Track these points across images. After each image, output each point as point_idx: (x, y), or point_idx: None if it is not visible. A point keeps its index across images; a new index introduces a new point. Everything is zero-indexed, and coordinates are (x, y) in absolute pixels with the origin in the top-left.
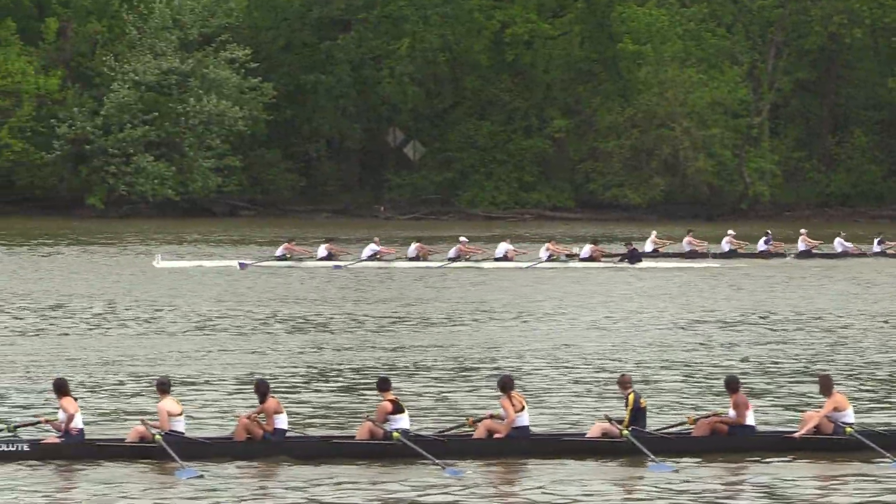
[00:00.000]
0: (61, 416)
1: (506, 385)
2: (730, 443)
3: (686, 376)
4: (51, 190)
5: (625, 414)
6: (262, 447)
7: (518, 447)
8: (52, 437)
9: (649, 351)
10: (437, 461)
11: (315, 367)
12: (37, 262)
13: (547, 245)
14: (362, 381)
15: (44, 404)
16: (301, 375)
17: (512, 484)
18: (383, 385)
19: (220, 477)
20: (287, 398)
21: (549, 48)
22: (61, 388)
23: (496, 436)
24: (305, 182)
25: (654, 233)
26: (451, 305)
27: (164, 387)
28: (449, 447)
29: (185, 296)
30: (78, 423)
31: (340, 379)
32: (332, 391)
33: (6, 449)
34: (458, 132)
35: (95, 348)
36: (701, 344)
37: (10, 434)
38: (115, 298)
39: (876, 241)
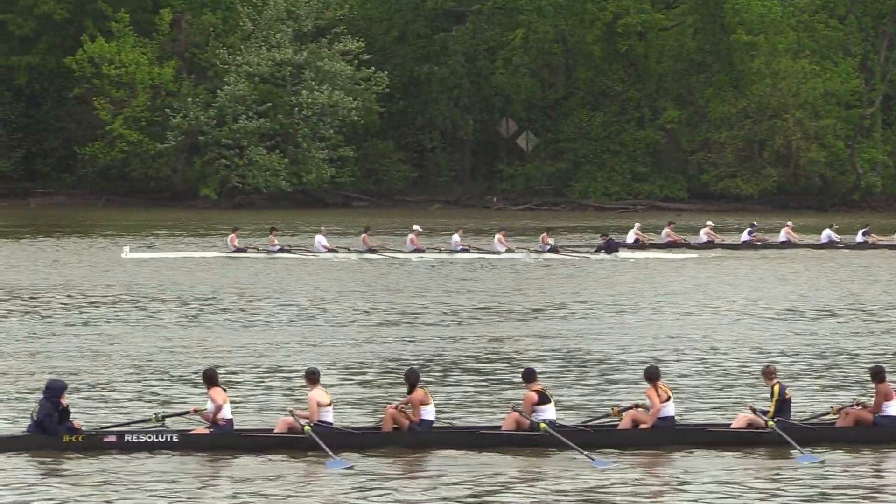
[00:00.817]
0: (210, 406)
1: (652, 375)
2: (874, 434)
3: (819, 366)
4: (164, 181)
5: (769, 405)
6: (409, 437)
7: (663, 438)
8: (200, 428)
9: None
10: (583, 452)
11: (448, 358)
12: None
13: (498, 236)
14: (501, 372)
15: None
16: (439, 366)
17: (657, 475)
18: (529, 376)
19: (368, 468)
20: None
21: (661, 39)
22: (211, 379)
23: (642, 426)
24: (418, 173)
25: (637, 224)
26: (538, 297)
27: (313, 377)
28: (594, 438)
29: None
30: (226, 413)
31: (474, 370)
32: (473, 382)
33: (155, 440)
34: (570, 123)
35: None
36: (813, 333)
37: (158, 424)
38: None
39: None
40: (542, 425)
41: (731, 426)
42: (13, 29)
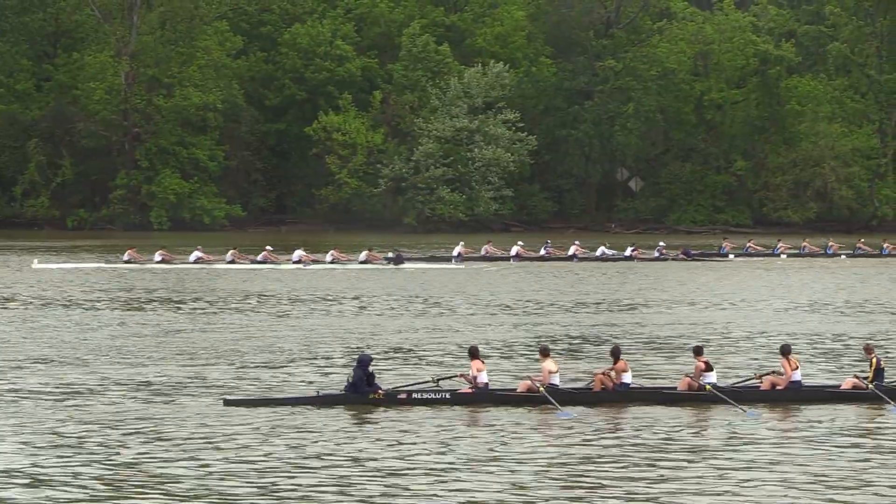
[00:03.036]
0: (472, 373)
1: (785, 350)
2: None
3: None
4: (376, 214)
5: (869, 372)
6: (612, 396)
7: (792, 396)
8: (465, 388)
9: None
10: (738, 406)
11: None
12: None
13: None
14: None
15: (449, 364)
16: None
17: (790, 422)
18: (698, 351)
19: (585, 417)
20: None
21: (734, 109)
22: (473, 353)
23: (777, 388)
24: (558, 207)
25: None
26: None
27: (545, 351)
28: (744, 396)
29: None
30: (483, 378)
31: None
32: (649, 355)
33: (434, 397)
34: (667, 170)
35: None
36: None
37: (434, 385)
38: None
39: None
40: (708, 386)
41: (841, 387)
42: (267, 103)
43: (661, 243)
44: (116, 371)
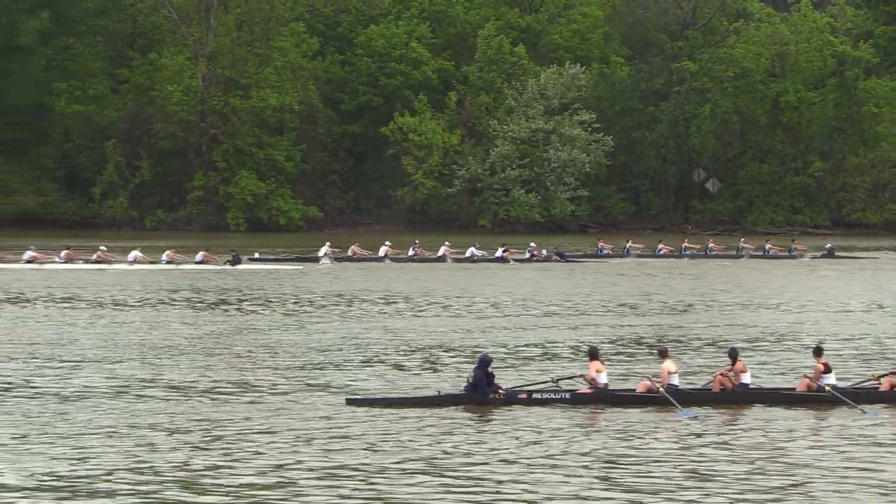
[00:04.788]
0: (592, 373)
1: None
2: None
3: None
4: (452, 215)
5: None
6: (732, 396)
7: None
8: (584, 389)
9: None
10: (857, 406)
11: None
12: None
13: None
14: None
15: (564, 365)
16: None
17: None
18: (818, 352)
19: (706, 417)
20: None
21: (811, 111)
22: (593, 353)
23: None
24: (634, 208)
25: (532, 244)
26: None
27: (664, 353)
28: (863, 397)
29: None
30: (602, 379)
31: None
32: (763, 355)
33: (553, 397)
34: (745, 172)
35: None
36: None
37: (554, 385)
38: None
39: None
40: (827, 388)
41: None
42: (343, 107)
43: (532, 244)
44: (233, 371)
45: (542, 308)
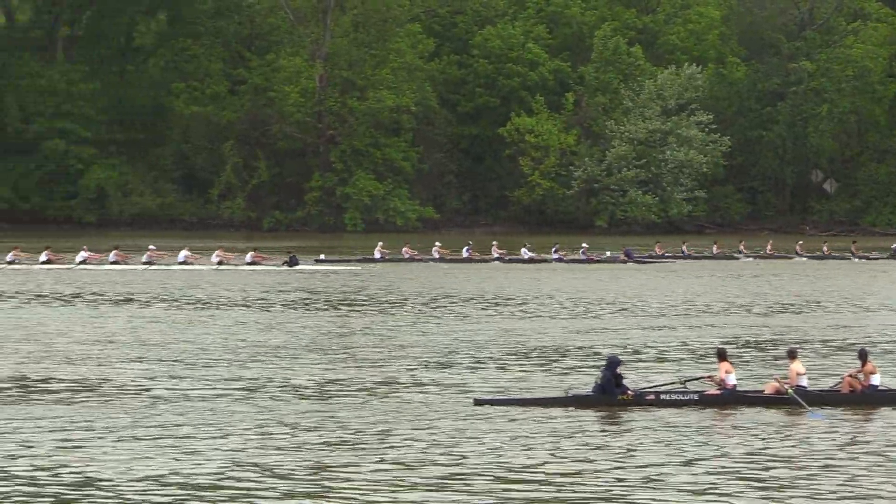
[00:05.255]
0: (720, 374)
1: None
2: None
3: None
4: (568, 215)
5: None
6: (862, 398)
7: None
8: (712, 390)
9: None
10: None
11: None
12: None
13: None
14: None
15: (691, 367)
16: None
17: None
18: None
19: (835, 418)
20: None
21: None
22: (721, 354)
23: None
24: (751, 208)
25: (380, 244)
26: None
27: (793, 354)
28: None
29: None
30: (731, 380)
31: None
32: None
33: (681, 398)
34: (862, 172)
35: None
36: None
37: (681, 386)
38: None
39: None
40: None
41: None
42: (459, 108)
43: (584, 245)
44: (356, 371)
45: (655, 309)
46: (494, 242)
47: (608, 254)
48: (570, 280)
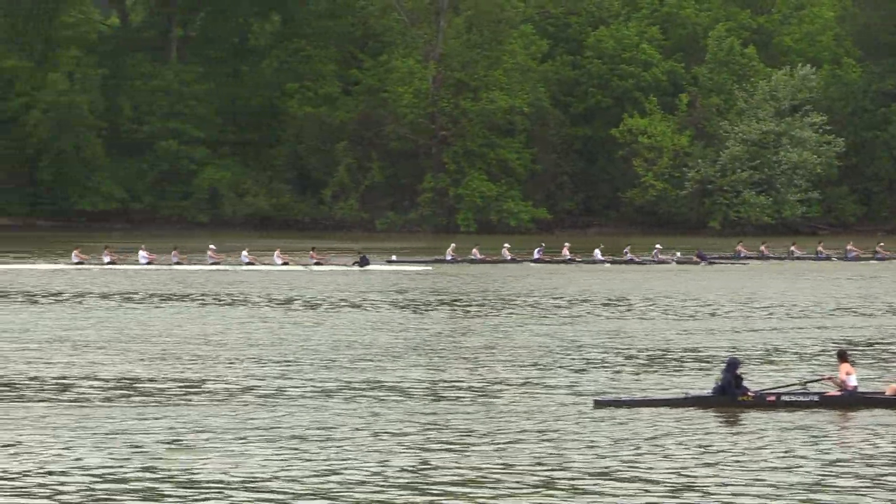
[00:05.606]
0: (841, 376)
1: None
2: None
3: None
4: (681, 216)
5: None
6: None
7: None
8: (833, 391)
9: None
10: None
11: None
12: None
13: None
14: None
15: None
16: None
17: None
18: None
19: None
20: None
21: None
22: (842, 355)
23: None
24: (866, 210)
25: (452, 245)
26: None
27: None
28: None
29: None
30: (852, 381)
31: None
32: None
33: (801, 399)
34: None
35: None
36: None
37: (801, 388)
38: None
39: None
40: None
41: None
42: (572, 110)
43: (658, 245)
44: (469, 372)
45: (763, 309)
46: (567, 244)
47: (678, 255)
48: (651, 280)
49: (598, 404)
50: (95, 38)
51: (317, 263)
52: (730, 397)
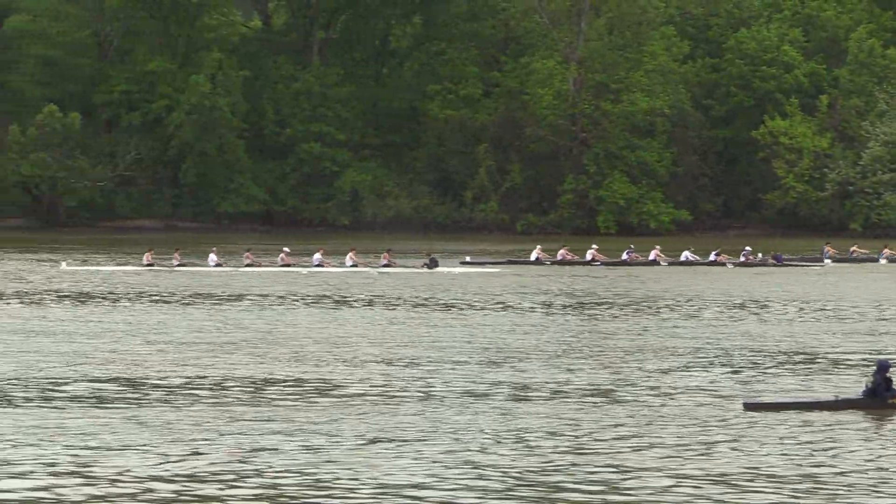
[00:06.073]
0: None
1: None
2: None
3: None
4: (822, 218)
5: None
6: None
7: None
8: None
9: None
10: None
11: None
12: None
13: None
14: None
15: None
16: None
17: None
18: None
19: None
20: None
21: None
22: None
23: None
24: None
25: (538, 247)
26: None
27: None
28: None
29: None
30: None
31: None
32: None
33: None
34: None
35: None
36: None
37: None
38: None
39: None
40: None
41: None
42: (712, 113)
43: (747, 248)
44: (612, 375)
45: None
46: (657, 247)
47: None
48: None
49: (748, 407)
50: (237, 40)
51: (385, 265)
52: (880, 400)
